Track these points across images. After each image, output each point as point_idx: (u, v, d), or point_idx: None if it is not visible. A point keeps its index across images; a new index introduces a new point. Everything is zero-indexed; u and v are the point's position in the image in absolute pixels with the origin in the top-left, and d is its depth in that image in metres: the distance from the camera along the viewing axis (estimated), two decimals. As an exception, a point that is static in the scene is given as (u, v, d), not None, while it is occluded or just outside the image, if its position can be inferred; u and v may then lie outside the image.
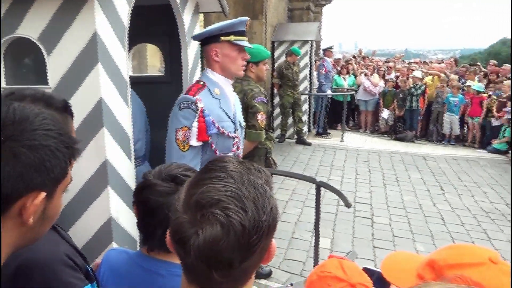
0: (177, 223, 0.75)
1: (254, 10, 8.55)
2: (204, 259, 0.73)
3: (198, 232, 0.72)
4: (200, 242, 0.71)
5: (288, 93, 8.53)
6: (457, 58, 12.92)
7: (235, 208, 0.72)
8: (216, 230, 0.71)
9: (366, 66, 11.43)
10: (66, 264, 1.13)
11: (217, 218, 0.71)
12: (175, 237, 0.76)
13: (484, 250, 0.92)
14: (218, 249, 0.72)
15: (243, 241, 0.73)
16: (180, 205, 0.77)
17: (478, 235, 4.90)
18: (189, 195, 0.76)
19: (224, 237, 0.71)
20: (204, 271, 0.74)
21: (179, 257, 0.79)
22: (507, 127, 8.94)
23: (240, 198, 0.74)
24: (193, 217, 0.73)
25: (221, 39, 2.15)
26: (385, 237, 4.70)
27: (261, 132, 3.23)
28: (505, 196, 6.31)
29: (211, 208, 0.72)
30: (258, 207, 0.75)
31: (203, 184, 0.76)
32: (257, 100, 3.22)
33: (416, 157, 8.36)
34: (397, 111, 10.34)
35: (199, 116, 2.08)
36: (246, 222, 0.73)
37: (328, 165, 7.50)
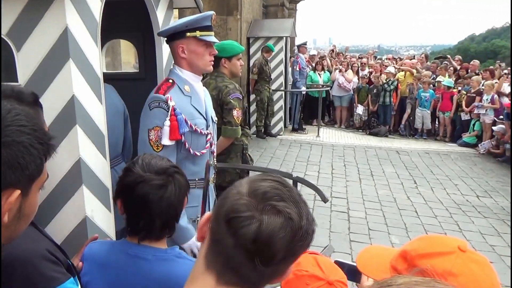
0: (239, 203, 0.79)
1: (229, 6, 8.51)
2: (255, 243, 0.76)
3: (262, 217, 0.77)
4: (261, 227, 0.76)
5: (265, 88, 8.57)
6: (428, 54, 13.23)
7: (295, 211, 0.80)
8: (279, 221, 0.77)
9: (340, 62, 11.56)
10: (47, 259, 1.12)
11: (281, 211, 0.78)
12: (229, 215, 0.78)
13: (453, 240, 0.95)
14: (273, 239, 0.77)
15: (293, 241, 0.79)
16: (243, 190, 0.81)
17: (450, 227, 5.04)
18: (254, 186, 0.81)
19: (282, 231, 0.77)
20: (244, 256, 0.78)
21: (214, 236, 0.81)
22: (476, 121, 9.23)
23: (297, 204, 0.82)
24: (257, 203, 0.78)
25: (187, 35, 2.10)
26: (361, 230, 4.78)
27: (237, 129, 3.22)
28: (475, 188, 6.53)
29: (276, 203, 0.79)
30: (310, 222, 0.83)
31: (266, 181, 0.83)
32: (232, 96, 3.21)
33: (389, 152, 8.53)
34: (371, 106, 10.51)
35: (171, 115, 2.03)
36: (301, 226, 0.80)
37: (304, 161, 7.56)
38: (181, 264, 1.41)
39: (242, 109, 3.30)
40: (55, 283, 1.11)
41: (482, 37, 75.99)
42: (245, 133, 3.57)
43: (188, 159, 2.18)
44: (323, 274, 1.21)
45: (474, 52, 42.81)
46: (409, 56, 13.04)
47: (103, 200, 1.93)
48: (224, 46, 3.32)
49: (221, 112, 3.24)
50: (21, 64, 1.73)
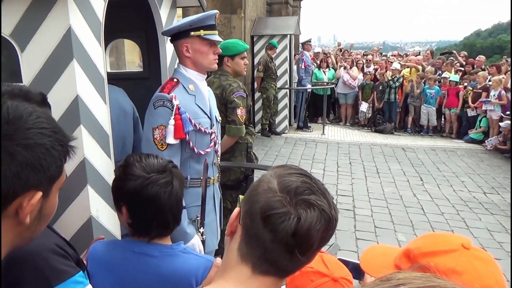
0: (273, 200, 0.81)
1: (232, 5, 8.50)
2: (294, 237, 0.80)
3: (298, 212, 0.80)
4: (299, 222, 0.80)
5: (272, 85, 8.56)
6: (433, 51, 13.14)
7: (325, 202, 0.84)
8: (314, 214, 0.82)
9: (345, 59, 11.51)
10: (57, 253, 1.15)
11: (315, 205, 0.82)
12: (266, 213, 0.81)
13: (457, 237, 0.94)
14: (311, 232, 0.81)
15: (326, 230, 0.84)
16: (274, 186, 0.84)
17: (457, 224, 5.01)
18: (285, 181, 0.84)
19: (319, 222, 0.82)
20: (283, 249, 0.81)
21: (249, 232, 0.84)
22: (483, 117, 9.15)
23: (325, 195, 0.86)
24: (291, 199, 0.82)
25: (191, 34, 2.11)
26: (367, 228, 4.77)
27: (241, 127, 3.22)
28: (482, 185, 6.48)
29: (308, 196, 0.83)
30: (336, 210, 0.87)
31: (295, 176, 0.86)
32: (236, 95, 3.20)
33: (395, 149, 8.49)
34: (376, 103, 10.46)
35: (175, 114, 2.04)
36: (332, 215, 0.85)
37: (309, 159, 7.54)
38: (188, 259, 1.43)
39: (246, 108, 3.30)
40: (65, 276, 1.13)
41: (488, 32, 75.33)
42: (249, 131, 3.57)
43: (192, 158, 2.18)
44: (328, 271, 1.21)
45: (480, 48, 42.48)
46: (414, 52, 12.96)
47: (108, 200, 1.94)
48: (227, 45, 3.32)
49: (225, 111, 3.23)
50: (25, 65, 1.73)
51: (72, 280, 1.14)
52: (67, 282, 1.13)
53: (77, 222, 1.84)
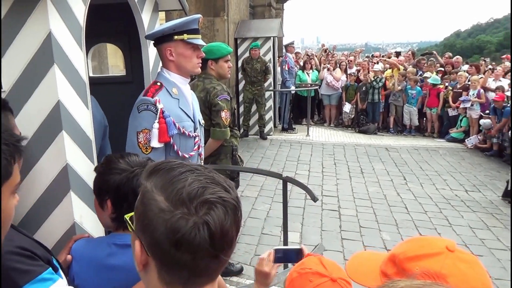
0: (174, 221, 0.73)
1: (215, 8, 8.50)
2: (213, 244, 0.74)
3: (204, 218, 0.73)
4: (210, 228, 0.73)
5: (247, 88, 8.60)
6: (415, 51, 13.34)
7: (221, 190, 0.77)
8: (219, 212, 0.75)
9: (328, 61, 11.61)
10: (21, 255, 1.17)
11: (214, 202, 0.75)
12: (174, 238, 0.73)
13: (441, 240, 0.94)
14: (226, 229, 0.75)
15: (236, 216, 0.78)
16: (165, 204, 0.75)
17: (440, 222, 5.09)
18: (172, 192, 0.75)
19: (227, 216, 0.75)
20: (208, 259, 0.75)
21: (165, 261, 0.76)
22: (463, 117, 9.34)
23: (218, 181, 0.79)
24: (188, 210, 0.73)
25: (174, 38, 2.12)
26: (352, 228, 4.81)
27: (226, 130, 3.22)
28: (464, 183, 6.60)
29: (204, 196, 0.75)
30: (230, 186, 0.80)
31: (180, 179, 0.77)
32: (220, 98, 3.21)
33: (379, 149, 8.59)
34: (359, 104, 10.57)
35: (160, 117, 2.04)
36: (233, 199, 0.78)
37: (294, 160, 7.58)
38: None
39: (230, 111, 3.30)
40: (32, 275, 1.16)
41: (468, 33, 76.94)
42: (234, 134, 3.57)
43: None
44: (326, 271, 1.23)
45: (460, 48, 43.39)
46: (390, 53, 13.08)
47: (91, 205, 1.92)
48: (211, 48, 3.33)
49: (209, 114, 3.23)
50: (5, 71, 1.71)
51: (39, 278, 1.17)
52: (35, 280, 1.15)
53: (60, 228, 1.82)
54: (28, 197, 1.77)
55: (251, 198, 5.59)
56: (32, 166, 1.74)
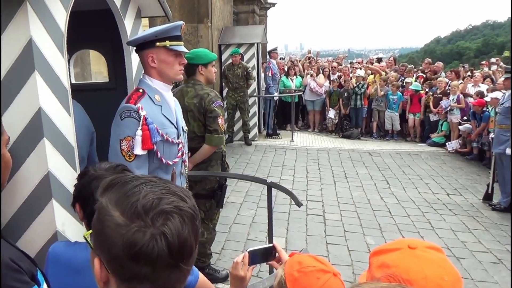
0: (131, 235, 0.73)
1: (199, 14, 8.52)
2: (172, 255, 0.74)
3: (161, 229, 0.73)
4: (168, 238, 0.73)
5: (230, 95, 8.63)
6: (396, 57, 13.56)
7: (177, 199, 0.78)
8: (176, 221, 0.75)
9: (311, 67, 11.72)
10: (10, 268, 1.11)
11: (170, 212, 0.75)
12: (131, 252, 0.73)
13: (408, 240, 0.99)
14: (184, 238, 0.75)
15: (194, 225, 0.78)
16: (121, 219, 0.75)
17: (423, 225, 5.15)
18: (127, 206, 0.75)
19: (184, 225, 0.76)
20: (169, 269, 0.75)
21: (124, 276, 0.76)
22: (444, 121, 9.51)
23: (174, 191, 0.79)
24: (144, 222, 0.73)
25: (156, 44, 2.11)
26: (337, 233, 4.84)
27: (223, 136, 3.22)
28: (446, 186, 6.71)
29: (159, 207, 0.75)
30: (186, 195, 0.81)
31: (134, 192, 0.77)
32: (215, 104, 3.20)
33: (362, 154, 8.68)
34: (342, 109, 10.69)
35: (143, 124, 2.03)
36: (190, 207, 0.79)
37: (279, 165, 7.61)
38: None
39: (223, 116, 3.31)
40: None
41: (447, 39, 78.65)
42: None
43: (160, 169, 2.18)
44: (327, 267, 1.25)
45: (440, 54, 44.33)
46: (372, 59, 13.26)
47: (74, 213, 1.90)
48: (198, 54, 3.33)
49: (203, 120, 3.21)
50: (-16, 78, 1.69)
51: None
52: None
53: (42, 237, 1.79)
54: (10, 205, 1.74)
55: (236, 204, 5.58)
56: (13, 174, 1.71)
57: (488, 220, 5.38)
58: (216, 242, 4.31)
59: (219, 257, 4.18)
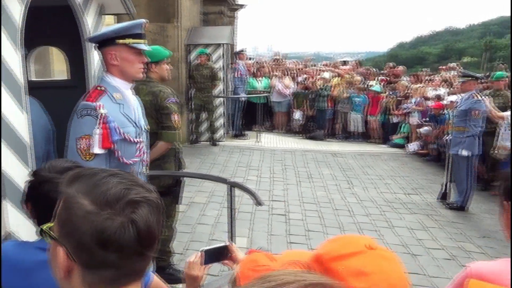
0: (100, 222, 0.76)
1: (167, 14, 8.44)
2: (140, 242, 0.78)
3: (131, 217, 0.77)
4: (138, 225, 0.77)
5: (196, 95, 8.63)
6: (361, 61, 13.92)
7: (144, 191, 0.82)
8: (145, 210, 0.79)
9: (278, 69, 11.85)
10: None
11: (139, 201, 0.79)
12: (101, 238, 0.75)
13: (362, 239, 0.98)
14: (151, 227, 0.79)
15: (159, 215, 0.82)
16: (90, 207, 0.77)
17: (382, 224, 5.31)
18: (98, 195, 0.78)
19: (152, 214, 0.80)
20: (135, 257, 0.79)
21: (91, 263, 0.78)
22: (405, 124, 9.85)
23: (140, 184, 0.83)
24: (115, 210, 0.77)
25: (117, 42, 2.10)
26: (299, 232, 4.92)
27: (176, 132, 3.22)
28: (405, 186, 6.95)
29: (129, 196, 0.79)
30: (152, 189, 0.85)
31: (103, 182, 0.80)
32: (169, 101, 3.20)
33: (326, 154, 8.85)
34: (308, 111, 10.87)
35: (102, 123, 2.01)
36: (156, 199, 0.83)
37: (245, 166, 7.64)
38: None
39: (179, 113, 3.30)
40: None
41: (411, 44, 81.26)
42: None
43: (119, 168, 2.15)
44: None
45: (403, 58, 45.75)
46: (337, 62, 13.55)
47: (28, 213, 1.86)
48: (151, 51, 3.31)
49: (156, 117, 3.20)
50: None
51: None
52: None
53: (-7, 238, 1.75)
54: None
55: (200, 204, 5.58)
56: (-38, 173, 1.67)
57: (444, 219, 5.61)
58: (179, 243, 4.30)
59: (182, 257, 4.17)
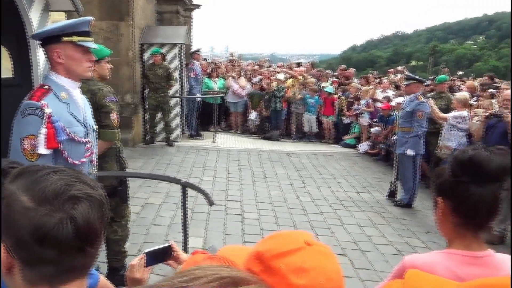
0: (39, 218, 0.76)
1: (120, 12, 8.27)
2: (79, 238, 0.78)
3: (70, 213, 0.77)
4: (77, 221, 0.78)
5: (151, 95, 8.55)
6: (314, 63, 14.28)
7: (86, 187, 0.83)
8: (85, 206, 0.80)
9: (233, 69, 11.92)
10: None
11: (79, 197, 0.80)
12: (38, 234, 0.76)
13: (300, 235, 0.98)
14: (91, 223, 0.80)
15: (102, 211, 0.83)
16: (29, 204, 0.77)
17: (334, 222, 5.48)
18: (37, 191, 0.78)
19: (93, 211, 0.81)
20: (74, 252, 0.79)
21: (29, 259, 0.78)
22: (355, 124, 10.21)
23: (84, 180, 0.84)
24: (53, 206, 0.77)
25: (63, 39, 2.05)
26: (254, 231, 4.98)
27: (116, 131, 3.17)
28: (355, 185, 7.21)
29: (69, 192, 0.79)
30: (97, 185, 0.87)
31: (44, 178, 0.80)
32: (108, 100, 3.14)
33: (281, 154, 9.00)
34: (263, 112, 11.01)
35: (47, 123, 1.97)
36: (99, 195, 0.84)
37: (201, 166, 7.64)
38: None
39: (118, 113, 3.25)
40: None
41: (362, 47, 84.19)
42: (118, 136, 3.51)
43: None
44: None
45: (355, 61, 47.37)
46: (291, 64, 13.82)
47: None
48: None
49: (97, 116, 3.15)
50: None
51: None
52: None
53: None
54: None
55: (155, 205, 5.52)
56: None
57: (391, 215, 5.88)
58: (134, 244, 4.25)
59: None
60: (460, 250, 1.34)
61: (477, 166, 1.26)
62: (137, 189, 5.94)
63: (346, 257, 4.42)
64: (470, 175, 1.28)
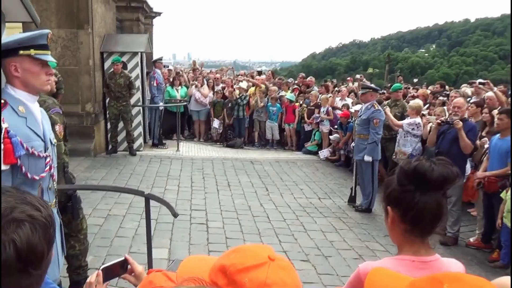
0: None
1: (79, 20, 8.13)
2: (20, 260, 0.79)
3: (11, 236, 0.79)
4: (17, 245, 0.79)
5: (112, 104, 8.45)
6: (275, 71, 14.53)
7: (30, 209, 0.84)
8: (27, 229, 0.81)
9: (195, 77, 11.93)
10: None
11: (22, 219, 0.81)
12: None
13: (263, 249, 1.01)
14: (34, 245, 0.81)
15: (47, 232, 0.85)
16: None
17: (297, 228, 5.59)
18: None
19: (35, 232, 0.82)
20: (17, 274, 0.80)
21: None
22: (316, 131, 10.48)
23: (29, 201, 0.86)
24: None
25: (20, 53, 2.02)
26: (218, 240, 5.02)
27: (60, 144, 3.11)
28: (317, 191, 7.38)
29: (12, 214, 0.81)
30: (43, 205, 0.88)
31: None
32: (52, 112, 3.08)
33: (245, 162, 9.09)
34: (226, 120, 11.09)
35: (4, 138, 1.92)
36: (44, 217, 0.85)
37: (164, 176, 7.59)
38: None
39: (63, 125, 3.19)
40: None
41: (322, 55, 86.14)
42: (65, 150, 3.44)
43: (26, 184, 2.07)
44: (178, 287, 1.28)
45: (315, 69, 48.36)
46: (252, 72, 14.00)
47: None
48: None
49: None
50: None
51: None
52: None
53: None
54: None
55: (119, 216, 5.45)
56: None
57: (352, 220, 6.07)
58: (96, 257, 4.19)
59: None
60: (409, 256, 1.43)
61: (421, 175, 1.35)
62: (99, 200, 5.85)
63: (309, 263, 4.55)
64: (415, 184, 1.37)
